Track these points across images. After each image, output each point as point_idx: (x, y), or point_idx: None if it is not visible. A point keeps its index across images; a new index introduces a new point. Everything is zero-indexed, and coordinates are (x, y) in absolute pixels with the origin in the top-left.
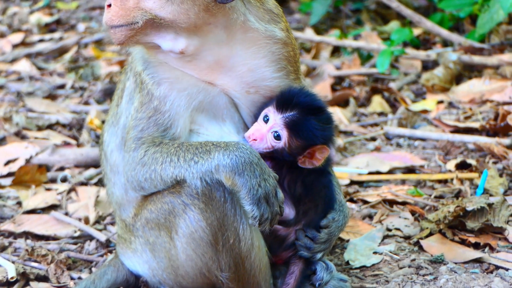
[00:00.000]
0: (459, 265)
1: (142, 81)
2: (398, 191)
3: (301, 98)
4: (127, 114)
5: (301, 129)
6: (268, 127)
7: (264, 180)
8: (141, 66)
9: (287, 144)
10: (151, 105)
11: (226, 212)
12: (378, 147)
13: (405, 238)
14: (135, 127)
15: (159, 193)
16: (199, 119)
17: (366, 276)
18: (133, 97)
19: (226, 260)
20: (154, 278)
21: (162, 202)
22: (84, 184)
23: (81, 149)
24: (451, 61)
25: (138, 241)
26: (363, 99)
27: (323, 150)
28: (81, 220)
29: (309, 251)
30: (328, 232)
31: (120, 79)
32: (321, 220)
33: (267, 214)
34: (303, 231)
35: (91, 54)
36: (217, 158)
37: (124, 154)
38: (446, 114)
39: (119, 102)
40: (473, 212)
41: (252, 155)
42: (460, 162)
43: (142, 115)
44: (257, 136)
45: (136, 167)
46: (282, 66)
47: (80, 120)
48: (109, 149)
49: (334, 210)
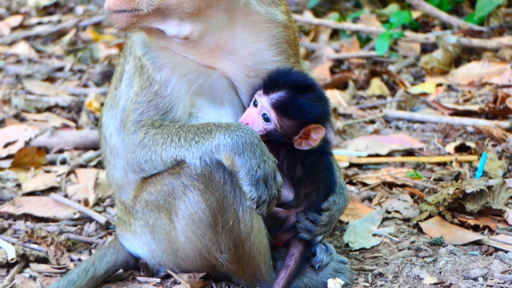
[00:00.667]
0: (459, 247)
1: (143, 65)
2: (397, 173)
3: (288, 78)
4: (126, 97)
5: (288, 108)
6: (257, 111)
7: (263, 161)
8: (142, 50)
9: (278, 125)
10: (151, 89)
11: (226, 194)
12: (377, 129)
13: (405, 221)
14: (135, 111)
15: (159, 175)
16: (198, 103)
17: (365, 258)
18: (133, 81)
19: (226, 241)
20: (153, 260)
21: (162, 184)
22: (83, 166)
23: (80, 131)
24: (450, 44)
25: (137, 223)
26: (362, 82)
27: (318, 130)
28: (81, 202)
29: (310, 233)
30: (329, 215)
31: (119, 62)
32: (322, 203)
33: (265, 196)
34: (304, 213)
35: (90, 37)
36: (218, 138)
37: (124, 137)
38: (445, 97)
39: (117, 85)
40: (472, 195)
41: (253, 136)
42: (459, 145)
43: (142, 99)
44: (249, 121)
45: (136, 149)
46: (283, 49)
47: (79, 103)
48: (108, 132)
49: (335, 193)
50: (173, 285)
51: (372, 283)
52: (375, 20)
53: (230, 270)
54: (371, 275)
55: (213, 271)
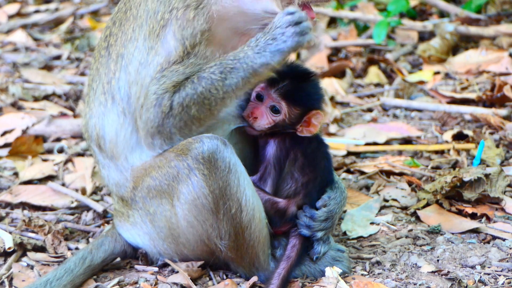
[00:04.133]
0: (456, 235)
1: (194, 42)
2: (395, 161)
3: (289, 68)
4: (142, 79)
5: (297, 96)
6: (265, 104)
7: None
8: (205, 24)
9: (287, 115)
10: (188, 60)
11: (229, 182)
12: (374, 118)
13: (402, 209)
14: (156, 84)
15: (165, 158)
16: None
17: (363, 246)
18: (155, 59)
19: (226, 228)
20: (154, 248)
21: (168, 167)
22: (80, 155)
23: (77, 119)
24: (448, 32)
25: (137, 213)
26: (359, 70)
27: (318, 116)
28: (78, 191)
29: (310, 229)
30: (327, 210)
31: (95, 65)
32: (318, 193)
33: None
34: (303, 211)
35: (87, 25)
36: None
37: (141, 112)
38: (442, 85)
39: (111, 85)
40: (470, 183)
41: None
42: (456, 133)
43: (168, 71)
44: (257, 114)
45: (164, 121)
46: None
47: (77, 91)
48: (103, 140)
49: (330, 188)
50: (171, 273)
51: (370, 272)
52: (373, 8)
53: (229, 257)
54: (369, 263)
55: (212, 257)
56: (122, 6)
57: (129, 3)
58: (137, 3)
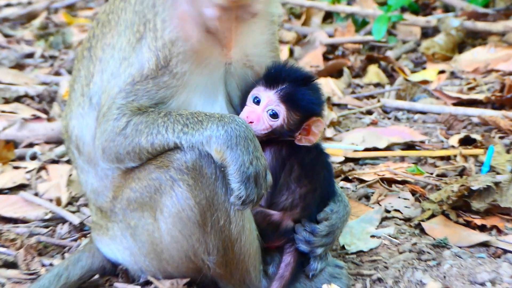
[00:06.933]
0: (464, 250)
1: (166, 54)
2: (397, 169)
3: (289, 71)
4: (111, 89)
5: (298, 100)
6: (262, 107)
7: (256, 158)
8: (172, 34)
9: (286, 120)
10: (161, 79)
11: (217, 191)
12: (374, 121)
13: (405, 220)
14: (124, 98)
15: (145, 169)
16: (196, 96)
17: (363, 261)
18: (127, 70)
19: (214, 242)
20: (135, 265)
21: (148, 179)
22: (55, 162)
23: (52, 123)
24: (453, 27)
25: (117, 226)
26: (358, 69)
27: (318, 124)
28: (53, 201)
29: (309, 245)
30: (329, 224)
31: (78, 65)
32: (318, 206)
33: (253, 195)
34: (301, 224)
35: (62, 20)
36: (210, 129)
37: (102, 122)
38: (448, 85)
39: (89, 88)
40: (478, 192)
41: (247, 130)
42: (463, 137)
43: (141, 87)
44: (253, 118)
45: (116, 138)
46: (275, 46)
47: (51, 92)
48: (82, 142)
49: (333, 201)
50: None
51: None
52: (372, 2)
53: (217, 274)
54: (370, 280)
55: (199, 275)
56: (107, 7)
57: (113, 6)
58: (120, 9)
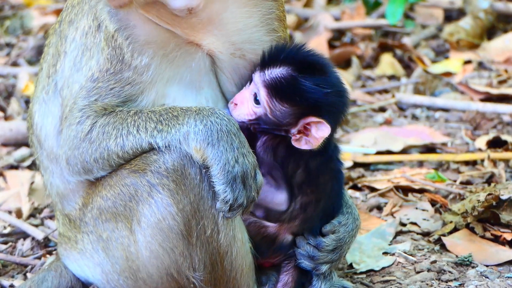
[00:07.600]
0: (491, 268)
1: (115, 45)
2: (414, 175)
3: (293, 52)
4: (71, 84)
5: (281, 87)
6: (250, 89)
7: (242, 155)
8: (115, 24)
9: (267, 108)
10: (121, 75)
11: (203, 194)
12: (388, 119)
13: (423, 235)
14: (86, 97)
15: (117, 175)
16: (172, 90)
17: (374, 282)
18: (87, 63)
19: (201, 256)
20: (108, 284)
21: (122, 185)
22: (14, 168)
23: (9, 122)
24: (482, 9)
25: (87, 238)
26: (369, 58)
27: (321, 126)
28: (12, 213)
29: (313, 261)
30: (336, 238)
31: (49, 42)
32: (320, 219)
33: (242, 198)
34: (304, 238)
35: (20, 1)
36: (187, 124)
37: (64, 128)
38: (475, 77)
39: (52, 72)
40: (509, 202)
41: (230, 123)
42: (492, 139)
43: (103, 85)
44: (238, 100)
45: (80, 144)
46: (273, 28)
47: (8, 86)
48: (43, 134)
49: (341, 213)
50: None
51: None
52: None
53: None
54: None
55: None
56: None
57: None
58: None
